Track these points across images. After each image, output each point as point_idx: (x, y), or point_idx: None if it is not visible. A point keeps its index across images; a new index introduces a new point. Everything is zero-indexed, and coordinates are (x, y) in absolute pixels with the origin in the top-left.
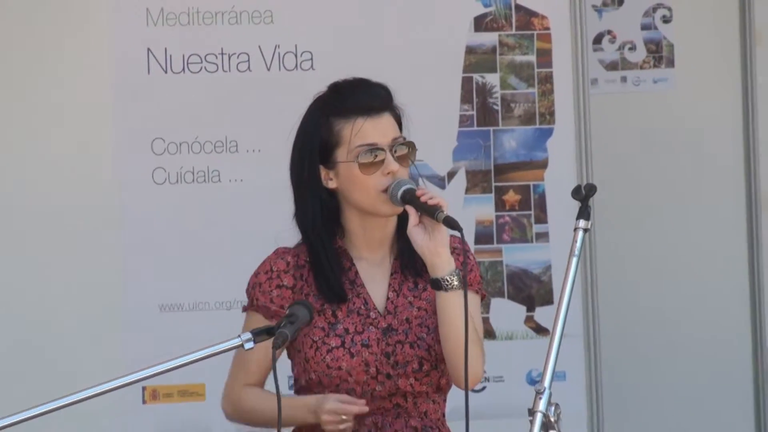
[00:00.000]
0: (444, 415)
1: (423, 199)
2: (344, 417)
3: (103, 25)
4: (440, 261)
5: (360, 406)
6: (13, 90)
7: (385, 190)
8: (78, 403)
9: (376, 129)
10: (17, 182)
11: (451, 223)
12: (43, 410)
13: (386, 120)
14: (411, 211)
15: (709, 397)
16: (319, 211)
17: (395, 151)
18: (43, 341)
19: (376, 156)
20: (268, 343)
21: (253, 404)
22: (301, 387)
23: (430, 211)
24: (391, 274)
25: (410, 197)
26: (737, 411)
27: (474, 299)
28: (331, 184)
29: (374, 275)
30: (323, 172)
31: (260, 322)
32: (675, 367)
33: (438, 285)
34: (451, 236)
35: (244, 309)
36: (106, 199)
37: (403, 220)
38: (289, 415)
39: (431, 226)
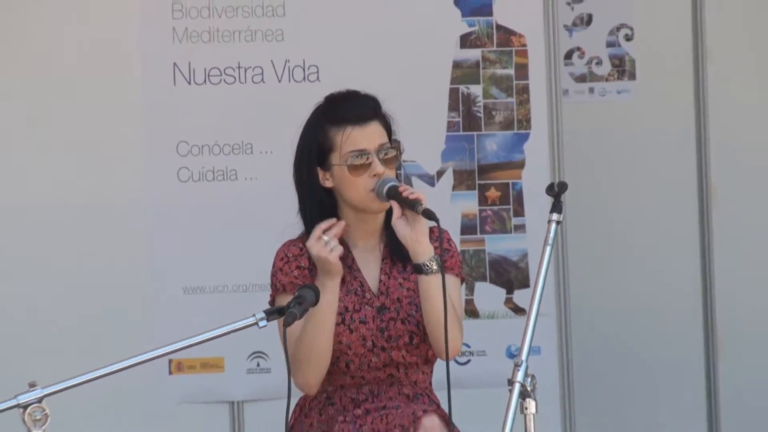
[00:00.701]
0: (431, 384)
1: (405, 194)
2: (324, 238)
3: (134, 41)
4: (421, 248)
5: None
6: (61, 101)
7: (373, 190)
8: (114, 373)
9: (364, 136)
10: (60, 180)
11: (429, 215)
12: (85, 379)
13: (374, 128)
14: (394, 205)
15: (665, 365)
16: (317, 207)
17: (384, 155)
18: (82, 320)
19: (365, 159)
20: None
21: (301, 338)
22: None
23: (410, 205)
24: (383, 260)
25: (393, 193)
26: (689, 377)
27: (454, 281)
28: (328, 184)
29: (368, 261)
30: (321, 173)
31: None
32: (635, 341)
33: (419, 270)
34: (434, 227)
35: (271, 299)
36: (138, 195)
37: (390, 212)
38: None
39: (412, 217)
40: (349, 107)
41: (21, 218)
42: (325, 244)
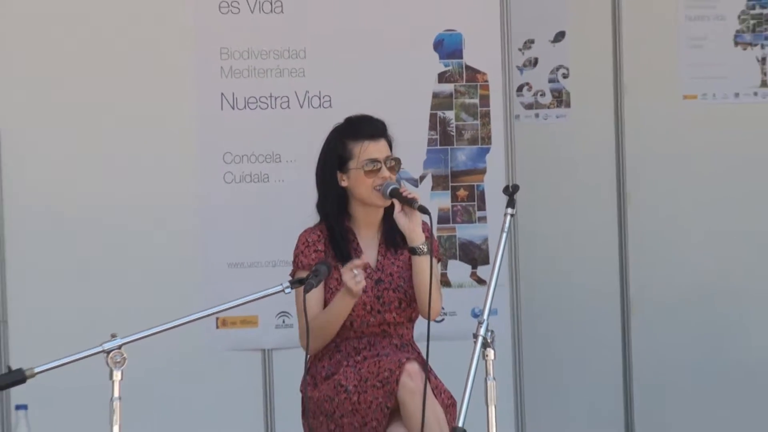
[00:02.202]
0: (413, 337)
1: (404, 194)
2: (355, 272)
3: (191, 76)
4: (415, 235)
5: (359, 260)
6: (136, 121)
7: (379, 189)
8: (175, 327)
9: (376, 148)
10: (135, 182)
11: (423, 210)
12: (154, 331)
13: (382, 143)
14: (396, 202)
15: (589, 322)
16: (335, 202)
17: (389, 164)
18: (150, 287)
19: (376, 166)
20: (318, 289)
21: (319, 317)
22: None
23: (408, 202)
24: (379, 245)
25: (395, 193)
26: (608, 331)
27: (434, 261)
28: (343, 184)
29: (368, 245)
30: (339, 175)
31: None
32: (568, 305)
33: (414, 251)
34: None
35: (292, 273)
36: (193, 194)
37: (388, 210)
38: (338, 306)
39: (409, 212)
40: (365, 126)
41: (103, 211)
42: (354, 276)
